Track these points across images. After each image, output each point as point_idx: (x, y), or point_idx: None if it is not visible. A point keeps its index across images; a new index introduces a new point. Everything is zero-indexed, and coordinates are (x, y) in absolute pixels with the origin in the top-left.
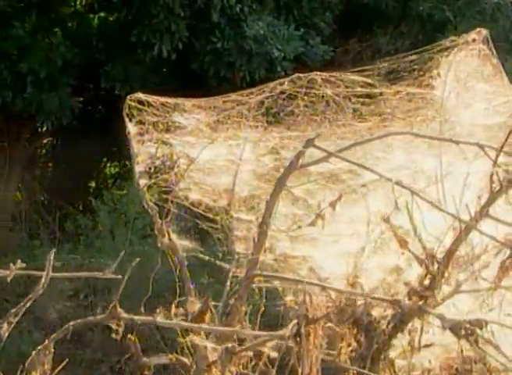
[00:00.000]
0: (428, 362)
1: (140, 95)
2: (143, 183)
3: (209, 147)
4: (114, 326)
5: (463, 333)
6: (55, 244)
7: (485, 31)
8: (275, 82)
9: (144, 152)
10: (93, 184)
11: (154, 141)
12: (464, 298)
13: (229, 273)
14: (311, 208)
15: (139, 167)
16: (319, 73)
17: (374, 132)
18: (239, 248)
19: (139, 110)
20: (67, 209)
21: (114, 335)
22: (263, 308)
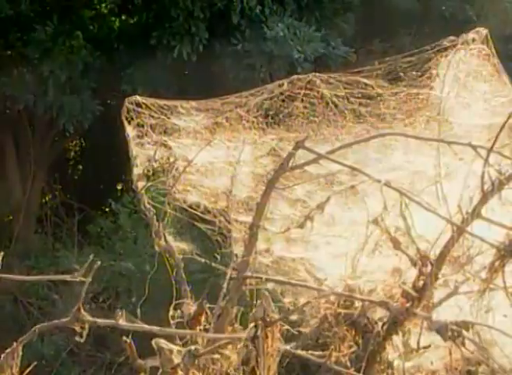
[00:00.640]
0: (430, 364)
1: (138, 98)
2: (141, 185)
3: (208, 149)
4: (77, 329)
5: (449, 334)
6: (77, 246)
7: (485, 31)
8: (275, 83)
9: (143, 155)
10: (119, 187)
11: (153, 144)
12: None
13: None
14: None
15: (137, 170)
16: (318, 74)
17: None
18: (237, 249)
19: (138, 113)
20: (90, 212)
21: (78, 338)
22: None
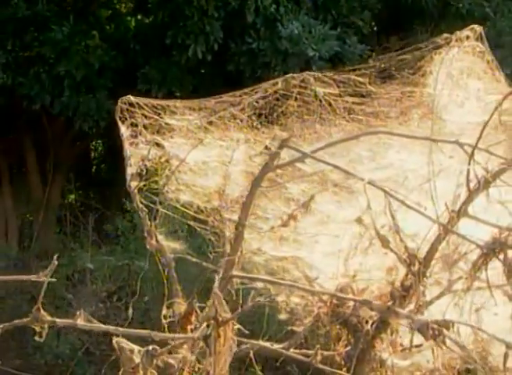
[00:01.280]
0: (426, 362)
1: (131, 98)
2: (134, 184)
3: (201, 148)
4: (38, 328)
5: (430, 333)
6: (95, 246)
7: (479, 28)
8: (269, 82)
9: (137, 154)
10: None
11: (146, 143)
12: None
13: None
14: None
15: (131, 169)
16: (311, 72)
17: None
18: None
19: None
20: (107, 212)
21: (37, 337)
22: None
